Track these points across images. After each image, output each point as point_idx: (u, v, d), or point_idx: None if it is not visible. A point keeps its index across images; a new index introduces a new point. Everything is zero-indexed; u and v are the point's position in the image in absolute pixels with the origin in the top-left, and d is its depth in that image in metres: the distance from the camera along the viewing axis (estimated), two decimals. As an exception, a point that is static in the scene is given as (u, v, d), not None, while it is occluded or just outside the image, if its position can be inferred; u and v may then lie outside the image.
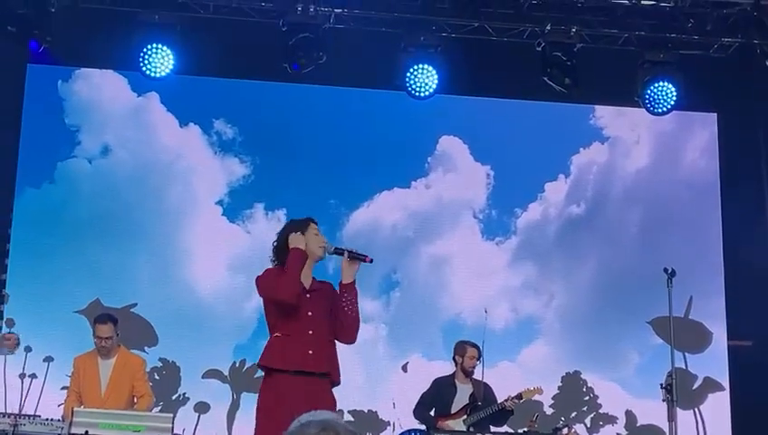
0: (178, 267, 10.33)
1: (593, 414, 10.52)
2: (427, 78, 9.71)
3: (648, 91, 9.87)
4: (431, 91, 9.74)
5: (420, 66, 9.68)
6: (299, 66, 9.44)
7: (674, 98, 9.87)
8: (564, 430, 9.29)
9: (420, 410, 8.87)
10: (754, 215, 10.72)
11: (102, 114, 10.42)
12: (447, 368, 9.09)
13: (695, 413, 10.53)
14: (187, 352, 10.13)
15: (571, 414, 10.44)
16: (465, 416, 8.69)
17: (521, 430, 8.85)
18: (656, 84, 9.85)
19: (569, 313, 10.67)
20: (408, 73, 9.71)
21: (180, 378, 10.13)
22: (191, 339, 10.14)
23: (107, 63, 10.34)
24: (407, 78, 9.72)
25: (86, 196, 10.31)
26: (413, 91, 9.77)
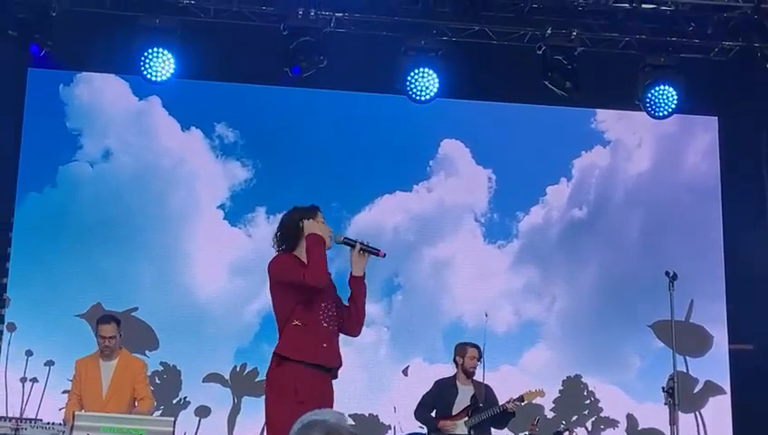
0: (179, 271, 10.33)
1: (594, 418, 10.51)
2: (427, 82, 9.72)
3: (649, 95, 9.88)
4: (432, 94, 9.76)
5: (421, 70, 9.70)
6: (299, 70, 9.46)
7: (675, 101, 9.87)
8: (565, 434, 9.29)
9: (421, 410, 8.85)
10: (755, 218, 10.72)
11: (104, 118, 10.43)
12: (448, 371, 9.06)
13: (696, 417, 10.52)
14: (187, 355, 10.13)
15: (573, 418, 10.43)
16: (467, 417, 8.67)
17: (522, 434, 8.84)
18: (656, 88, 9.85)
19: (570, 316, 10.66)
20: (409, 77, 9.73)
21: (181, 382, 10.12)
22: (192, 343, 10.14)
23: (108, 68, 10.35)
24: (407, 82, 9.73)
25: (87, 200, 10.31)
26: (414, 95, 9.78)
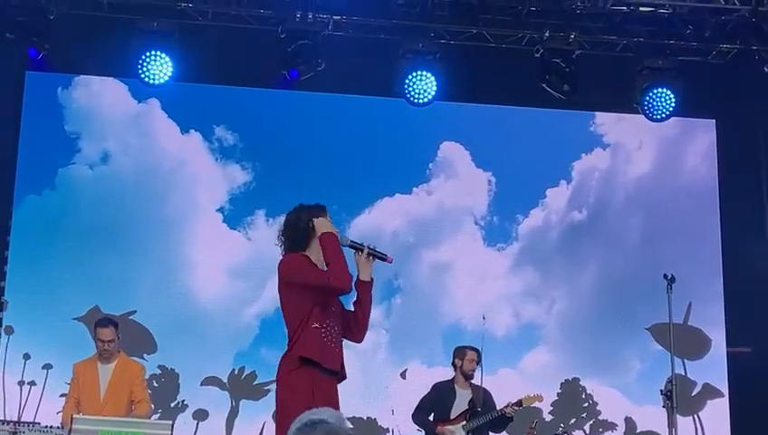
0: (178, 274, 10.31)
1: (593, 421, 10.49)
2: (425, 85, 9.72)
3: (647, 98, 9.88)
4: (430, 97, 9.76)
5: (419, 73, 9.70)
6: (298, 73, 9.47)
7: (672, 104, 9.87)
8: (564, 437, 9.30)
9: (419, 414, 8.84)
10: (754, 221, 10.72)
11: (102, 121, 10.42)
12: (447, 374, 9.05)
13: (694, 420, 10.51)
14: (186, 359, 10.12)
15: (571, 421, 10.42)
16: (465, 421, 8.67)
17: (520, 437, 8.85)
18: (654, 91, 9.85)
19: (570, 319, 10.66)
20: (407, 80, 9.73)
21: (179, 385, 10.11)
22: (190, 346, 10.12)
23: (106, 71, 10.35)
24: (405, 85, 9.73)
25: (86, 203, 10.30)
26: (412, 98, 9.78)
